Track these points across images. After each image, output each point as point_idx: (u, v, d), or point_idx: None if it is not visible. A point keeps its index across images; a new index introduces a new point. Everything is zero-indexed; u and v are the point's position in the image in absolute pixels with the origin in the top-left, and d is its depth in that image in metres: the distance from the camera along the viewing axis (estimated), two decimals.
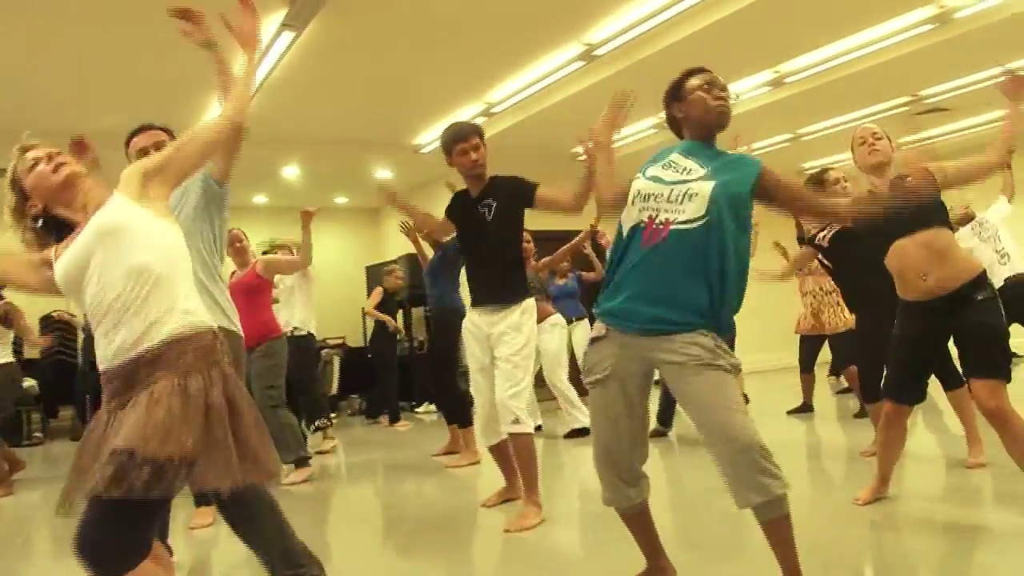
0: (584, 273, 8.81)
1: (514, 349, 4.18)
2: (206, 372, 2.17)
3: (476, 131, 4.34)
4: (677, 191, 2.59)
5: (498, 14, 6.43)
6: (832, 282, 6.41)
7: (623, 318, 2.63)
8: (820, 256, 5.39)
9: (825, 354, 7.63)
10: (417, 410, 10.87)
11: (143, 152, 3.27)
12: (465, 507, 4.79)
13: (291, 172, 10.86)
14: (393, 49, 7.02)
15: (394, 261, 11.76)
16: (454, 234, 4.73)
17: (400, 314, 11.94)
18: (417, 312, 12.39)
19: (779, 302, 9.16)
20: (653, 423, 6.50)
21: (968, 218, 7.33)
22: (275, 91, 7.57)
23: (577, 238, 7.15)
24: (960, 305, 3.57)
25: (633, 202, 2.68)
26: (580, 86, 7.97)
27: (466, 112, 8.91)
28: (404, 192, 12.44)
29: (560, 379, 7.47)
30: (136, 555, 2.05)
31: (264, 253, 7.99)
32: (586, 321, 9.56)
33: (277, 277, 7.06)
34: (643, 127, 9.61)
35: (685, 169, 2.67)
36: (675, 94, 2.85)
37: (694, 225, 2.53)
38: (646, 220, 2.61)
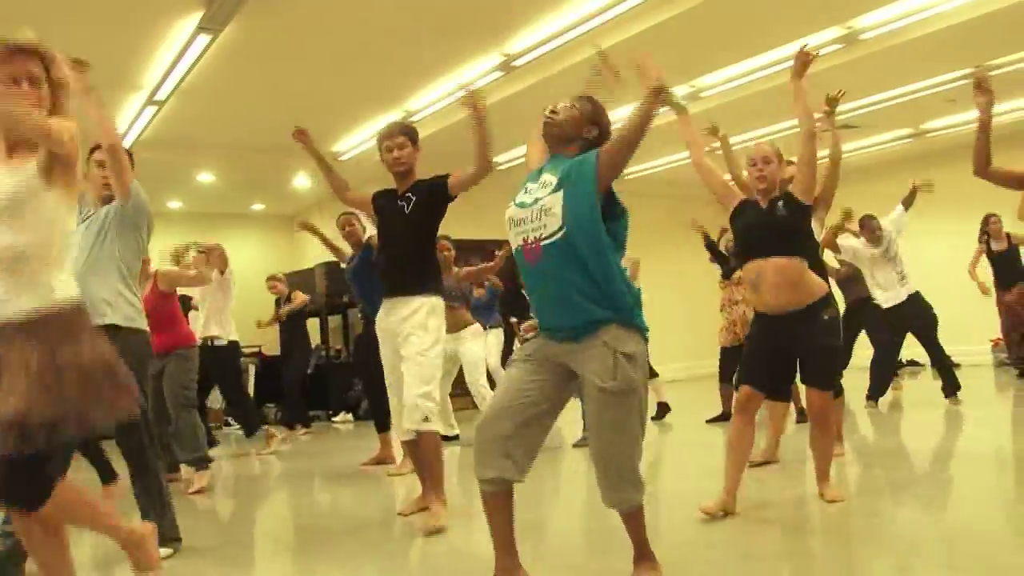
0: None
1: (422, 348, 4.20)
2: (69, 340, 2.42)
3: (404, 131, 4.42)
4: (535, 210, 2.75)
5: (417, 22, 6.43)
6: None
7: (544, 328, 2.84)
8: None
9: None
10: (334, 419, 10.75)
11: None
12: (381, 515, 4.75)
13: (206, 178, 10.65)
14: (311, 54, 6.96)
15: (311, 269, 11.65)
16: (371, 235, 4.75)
17: (317, 323, 11.84)
18: (334, 320, 12.27)
19: (712, 310, 9.32)
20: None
21: (845, 227, 7.44)
22: (190, 95, 7.43)
23: (498, 258, 7.21)
24: (805, 321, 3.87)
25: (509, 228, 2.83)
26: (500, 96, 8.00)
27: (385, 119, 8.86)
28: (323, 200, 12.38)
29: (484, 384, 7.47)
30: (46, 488, 2.45)
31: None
32: (500, 329, 9.61)
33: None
34: None
35: (544, 184, 2.82)
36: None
37: (557, 236, 2.68)
38: (521, 243, 2.78)
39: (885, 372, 7.85)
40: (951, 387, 7.58)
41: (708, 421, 7.58)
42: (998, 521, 3.71)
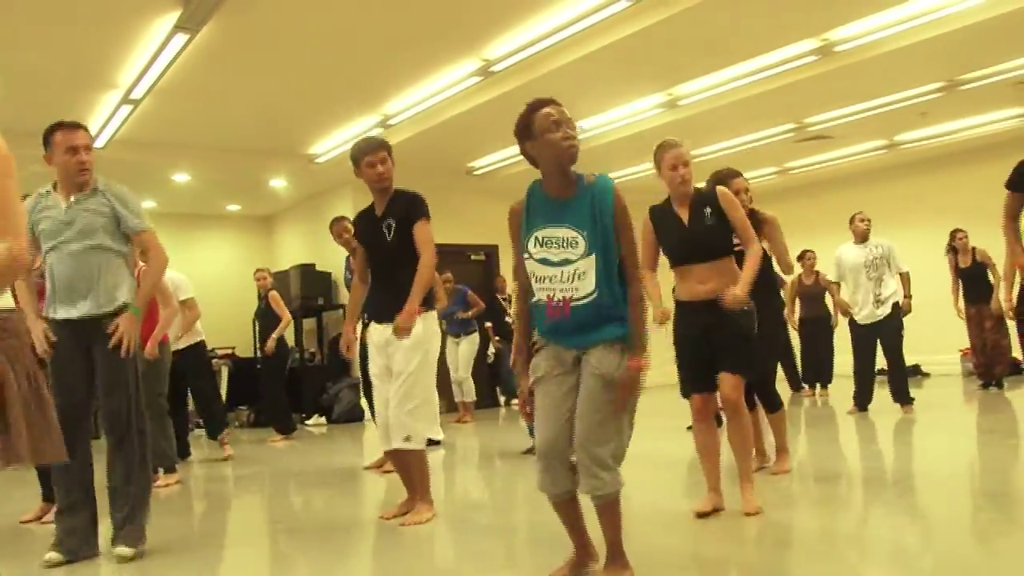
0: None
1: (413, 366, 4.24)
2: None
3: (384, 145, 4.41)
4: (567, 272, 2.81)
5: (396, 26, 6.43)
6: None
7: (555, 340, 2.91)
8: None
9: None
10: (307, 422, 10.71)
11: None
12: (359, 518, 4.74)
13: (182, 178, 10.59)
14: (289, 56, 6.94)
15: (286, 271, 11.62)
16: None
17: (291, 325, 11.78)
18: (308, 323, 12.23)
19: None
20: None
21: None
22: (167, 94, 7.39)
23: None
24: (722, 310, 3.95)
25: (533, 280, 2.88)
26: (477, 101, 8.03)
27: (362, 123, 8.87)
28: (299, 202, 12.35)
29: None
30: None
31: None
32: (475, 335, 9.68)
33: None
34: None
35: (566, 242, 2.83)
36: (526, 132, 2.89)
37: (591, 298, 2.80)
38: (545, 299, 2.85)
39: (866, 380, 7.96)
40: (903, 396, 7.78)
41: (690, 428, 7.62)
42: (957, 530, 3.77)
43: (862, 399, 7.96)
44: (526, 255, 2.89)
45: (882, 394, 7.88)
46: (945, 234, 9.41)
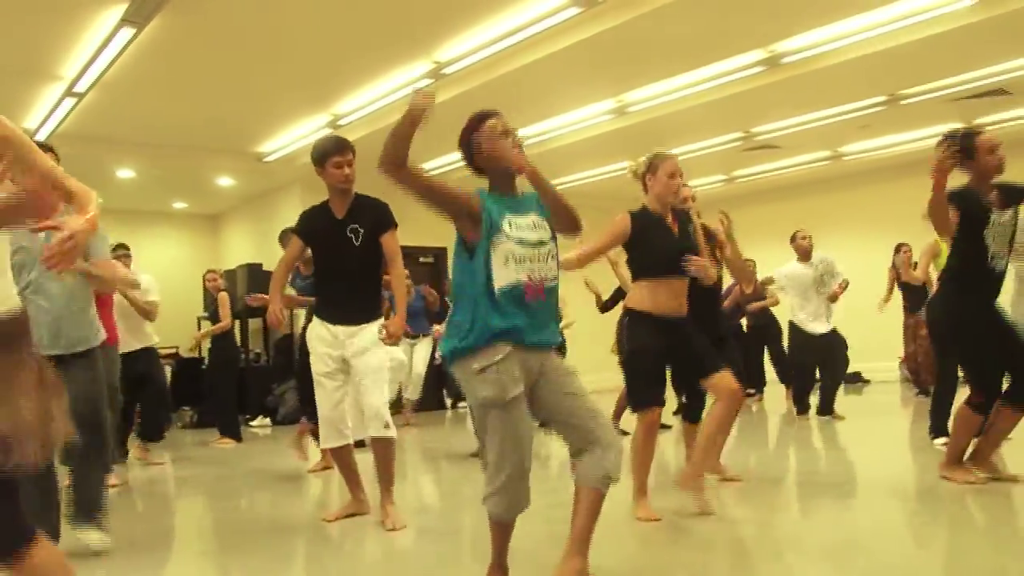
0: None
1: (380, 361, 4.29)
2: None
3: (351, 147, 4.36)
4: (542, 252, 2.87)
5: (347, 25, 6.41)
6: None
7: (526, 343, 2.84)
8: None
9: None
10: (251, 424, 10.59)
11: None
12: (303, 520, 4.71)
13: (126, 174, 10.42)
14: (238, 53, 6.88)
15: (233, 270, 11.48)
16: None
17: (236, 325, 11.63)
18: (255, 323, 12.10)
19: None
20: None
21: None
22: (112, 88, 7.28)
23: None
24: (686, 324, 4.10)
25: (507, 261, 2.80)
26: None
27: (312, 122, 8.82)
28: (246, 200, 12.23)
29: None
30: (20, 531, 2.04)
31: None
32: (431, 338, 9.65)
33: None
34: None
35: (535, 225, 2.90)
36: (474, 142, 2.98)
37: (556, 282, 2.93)
38: (525, 279, 2.81)
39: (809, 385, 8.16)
40: (831, 407, 7.95)
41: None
42: (890, 533, 3.86)
43: (805, 403, 8.12)
44: (501, 237, 2.81)
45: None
46: (885, 243, 9.60)
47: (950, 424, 4.96)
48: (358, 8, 6.13)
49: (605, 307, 7.78)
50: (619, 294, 7.40)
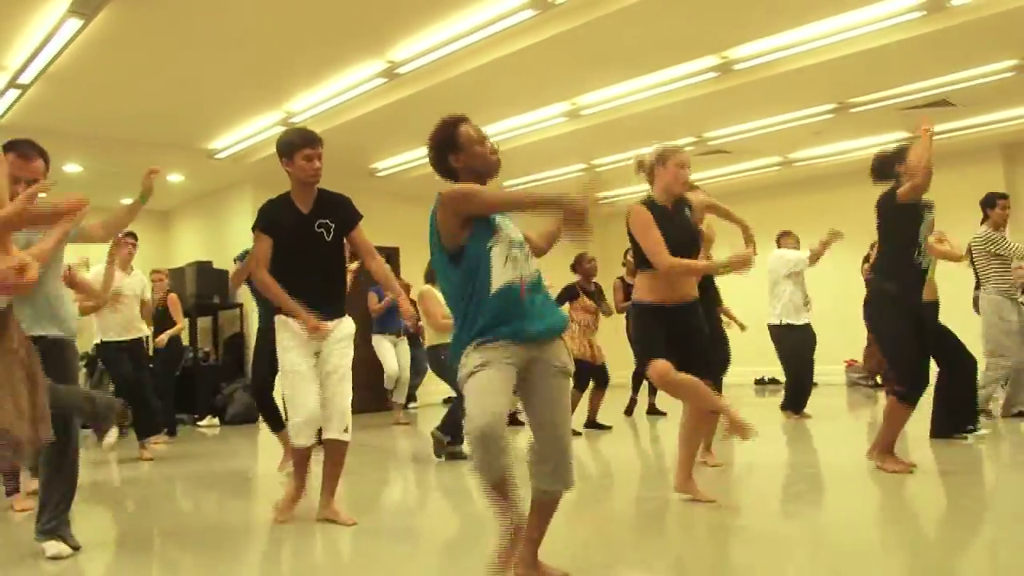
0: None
1: (349, 360, 4.29)
2: None
3: (321, 140, 4.27)
4: (524, 251, 2.97)
5: (301, 22, 6.35)
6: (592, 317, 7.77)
7: (525, 336, 2.88)
8: None
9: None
10: (200, 423, 10.45)
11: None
12: (257, 521, 4.65)
13: (73, 169, 10.22)
14: (189, 48, 6.77)
15: (182, 268, 11.32)
16: None
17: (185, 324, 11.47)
18: (204, 322, 11.95)
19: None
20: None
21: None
22: (58, 80, 7.12)
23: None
24: (691, 313, 4.28)
25: (505, 261, 2.87)
26: (382, 102, 7.99)
27: (264, 120, 8.72)
28: (196, 197, 12.07)
29: None
30: None
31: None
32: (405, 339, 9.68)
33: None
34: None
35: (514, 229, 2.99)
36: (451, 145, 3.00)
37: (538, 275, 3.00)
38: (518, 279, 2.89)
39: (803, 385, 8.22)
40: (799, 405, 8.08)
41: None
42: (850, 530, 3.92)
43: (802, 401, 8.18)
44: (496, 239, 2.89)
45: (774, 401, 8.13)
46: (837, 247, 9.72)
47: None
48: (312, 4, 6.07)
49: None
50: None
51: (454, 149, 2.99)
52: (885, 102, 8.72)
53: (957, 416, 5.81)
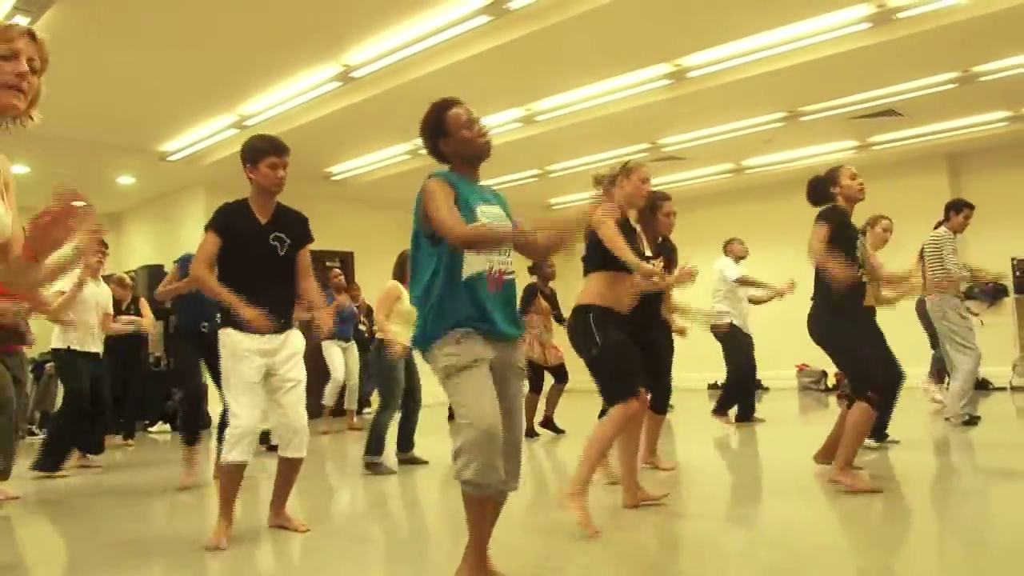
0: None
1: (303, 374, 4.21)
2: None
3: (288, 149, 4.20)
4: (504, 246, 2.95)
5: (255, 25, 6.32)
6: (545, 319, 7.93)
7: (496, 334, 2.92)
8: None
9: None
10: (150, 429, 10.31)
11: None
12: (207, 530, 4.59)
13: (20, 170, 10.03)
14: (141, 49, 6.69)
15: (134, 271, 11.17)
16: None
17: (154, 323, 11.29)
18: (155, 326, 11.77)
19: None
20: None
21: None
22: None
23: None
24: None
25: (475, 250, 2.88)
26: (337, 106, 7.95)
27: (217, 122, 8.65)
28: (147, 200, 11.91)
29: None
30: None
31: None
32: (354, 344, 9.62)
33: None
34: (397, 152, 9.71)
35: (497, 217, 2.97)
36: (440, 129, 2.99)
37: (513, 275, 3.03)
38: (487, 270, 2.90)
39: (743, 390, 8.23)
40: (727, 407, 8.06)
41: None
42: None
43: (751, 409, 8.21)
44: (476, 223, 2.86)
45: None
46: (784, 253, 9.86)
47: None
48: (266, 7, 6.05)
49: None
50: None
51: (442, 134, 2.98)
52: (834, 111, 8.89)
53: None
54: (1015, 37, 6.99)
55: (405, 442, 6.51)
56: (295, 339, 4.23)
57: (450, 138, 2.97)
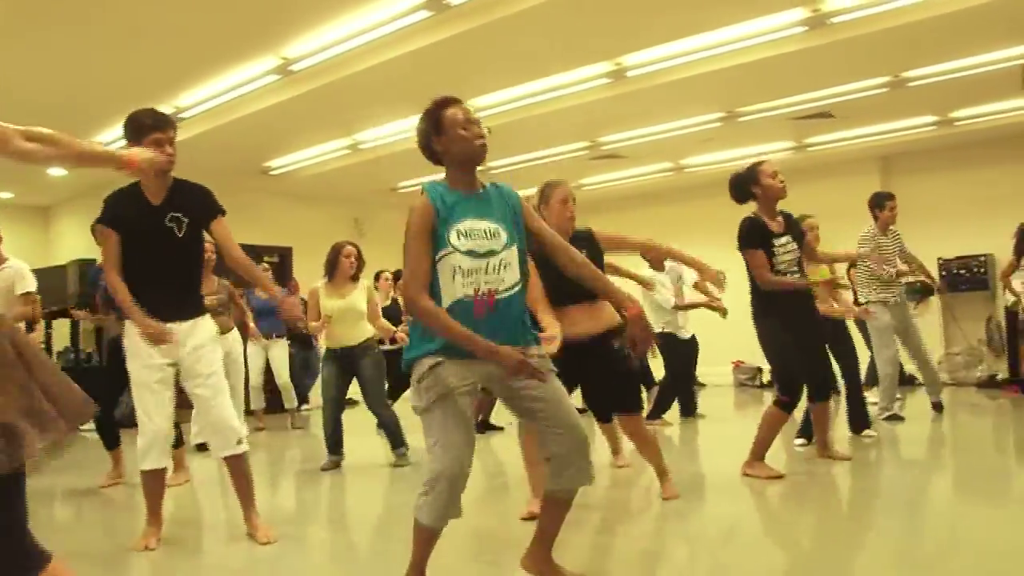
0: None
1: (219, 365, 3.96)
2: None
3: (173, 122, 3.90)
4: (493, 263, 2.76)
5: (191, 15, 6.19)
6: None
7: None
8: None
9: None
10: (82, 428, 10.07)
11: None
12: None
13: None
14: (70, 36, 6.51)
15: (64, 266, 10.91)
16: None
17: (67, 324, 11.06)
18: (87, 324, 11.50)
19: None
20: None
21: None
22: None
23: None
24: (595, 350, 4.16)
25: (453, 276, 2.73)
26: (275, 99, 7.84)
27: None
28: (79, 192, 11.62)
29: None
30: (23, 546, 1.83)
31: None
32: (285, 339, 9.29)
33: None
34: (337, 147, 9.61)
35: (488, 233, 2.78)
36: (435, 128, 2.86)
37: (515, 289, 2.81)
38: (472, 293, 2.73)
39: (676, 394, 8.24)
40: (661, 410, 8.01)
41: None
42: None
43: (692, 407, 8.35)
44: (447, 249, 2.72)
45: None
46: (724, 251, 9.95)
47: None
48: None
49: None
50: None
51: (437, 131, 2.85)
52: (771, 112, 9.03)
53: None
54: (944, 44, 7.20)
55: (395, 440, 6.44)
56: (202, 328, 3.94)
57: (444, 136, 2.83)
